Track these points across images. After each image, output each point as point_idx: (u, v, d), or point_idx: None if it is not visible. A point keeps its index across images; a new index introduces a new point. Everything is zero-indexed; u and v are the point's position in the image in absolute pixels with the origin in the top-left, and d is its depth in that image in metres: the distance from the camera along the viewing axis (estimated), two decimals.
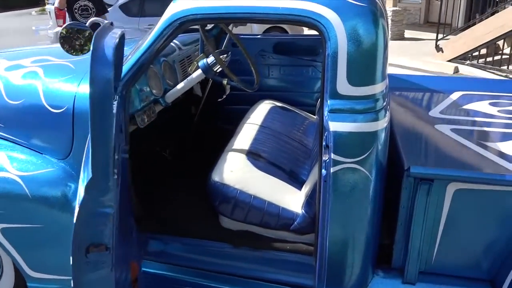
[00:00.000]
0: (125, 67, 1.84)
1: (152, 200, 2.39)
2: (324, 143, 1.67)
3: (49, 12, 8.36)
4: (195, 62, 2.17)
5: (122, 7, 7.54)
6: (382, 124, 1.63)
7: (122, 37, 1.63)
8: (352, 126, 1.60)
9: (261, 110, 2.91)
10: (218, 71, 2.17)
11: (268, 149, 2.37)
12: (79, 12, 5.42)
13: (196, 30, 2.57)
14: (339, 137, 1.60)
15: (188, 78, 2.24)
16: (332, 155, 1.61)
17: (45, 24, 8.60)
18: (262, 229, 2.08)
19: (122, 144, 1.74)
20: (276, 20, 1.69)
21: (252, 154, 2.25)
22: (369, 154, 1.62)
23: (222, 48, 2.61)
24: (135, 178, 2.00)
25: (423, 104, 2.58)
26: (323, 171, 1.67)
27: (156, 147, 2.73)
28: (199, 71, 2.17)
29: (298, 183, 2.20)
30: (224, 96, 2.26)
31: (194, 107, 3.16)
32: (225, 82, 2.15)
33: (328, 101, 1.62)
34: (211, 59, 2.13)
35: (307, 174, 2.28)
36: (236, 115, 2.99)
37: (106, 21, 1.74)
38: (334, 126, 1.60)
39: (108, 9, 6.29)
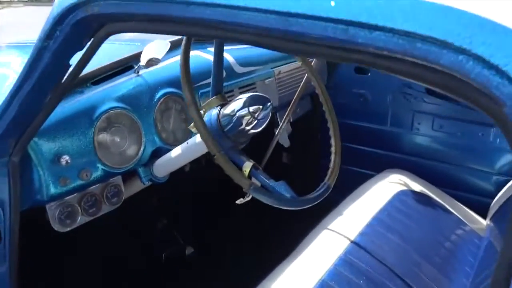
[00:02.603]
0: None
1: None
2: None
3: None
4: (202, 110, 1.00)
5: None
6: None
7: None
8: None
9: (380, 193, 1.58)
10: (244, 136, 0.96)
11: None
12: None
13: None
14: None
15: (190, 141, 1.08)
16: None
17: None
18: None
19: None
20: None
21: None
22: None
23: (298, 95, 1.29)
24: None
25: None
26: None
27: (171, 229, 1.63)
28: None
29: None
30: (244, 201, 1.03)
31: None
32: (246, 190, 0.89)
33: None
34: (226, 110, 0.94)
35: None
36: (344, 179, 1.74)
37: None
38: None
39: None
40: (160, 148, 1.17)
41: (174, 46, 1.25)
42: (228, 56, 1.46)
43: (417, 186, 1.67)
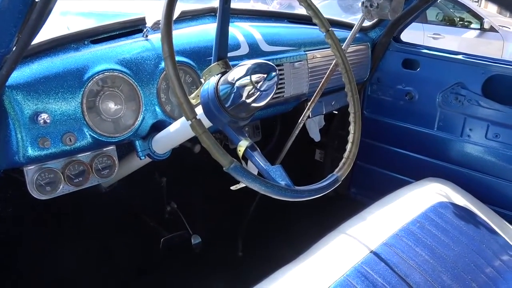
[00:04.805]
0: None
1: None
2: None
3: None
4: (202, 79, 0.88)
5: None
6: None
7: None
8: None
9: (414, 202, 1.39)
10: (245, 111, 0.82)
11: None
12: None
13: None
14: None
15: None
16: None
17: None
18: None
19: None
20: None
21: None
22: None
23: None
24: None
25: None
26: None
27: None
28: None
29: None
30: (239, 186, 0.89)
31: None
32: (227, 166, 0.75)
33: None
34: (227, 77, 0.81)
35: None
36: (378, 184, 1.56)
37: None
38: None
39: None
40: (163, 122, 1.06)
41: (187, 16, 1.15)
42: (255, 32, 1.32)
43: (460, 199, 1.46)
